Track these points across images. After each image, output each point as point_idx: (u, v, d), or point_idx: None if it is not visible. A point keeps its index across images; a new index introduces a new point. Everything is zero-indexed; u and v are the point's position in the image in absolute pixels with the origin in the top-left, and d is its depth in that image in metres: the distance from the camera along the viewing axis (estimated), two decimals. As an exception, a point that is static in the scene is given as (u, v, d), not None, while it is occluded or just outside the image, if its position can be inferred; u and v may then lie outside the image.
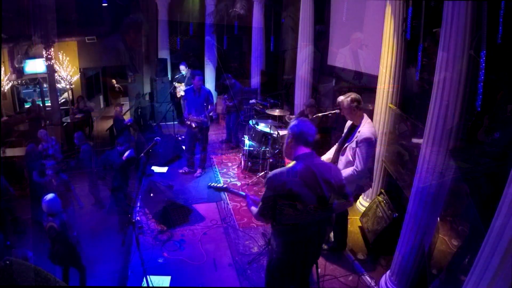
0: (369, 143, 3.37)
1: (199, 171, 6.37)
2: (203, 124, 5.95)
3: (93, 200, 5.83)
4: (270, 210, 2.28)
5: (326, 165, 2.42)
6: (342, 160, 3.61)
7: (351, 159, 3.50)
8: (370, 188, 4.26)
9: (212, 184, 2.89)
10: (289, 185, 2.20)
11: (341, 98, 3.58)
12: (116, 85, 12.13)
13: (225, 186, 2.86)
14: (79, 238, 3.98)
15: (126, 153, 4.88)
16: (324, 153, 4.06)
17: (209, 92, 5.98)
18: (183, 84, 8.68)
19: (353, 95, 3.53)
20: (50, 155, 5.95)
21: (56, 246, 3.70)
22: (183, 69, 8.93)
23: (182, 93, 8.05)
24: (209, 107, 5.95)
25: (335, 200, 2.36)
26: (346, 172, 3.46)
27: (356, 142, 3.44)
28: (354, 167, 3.42)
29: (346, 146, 3.56)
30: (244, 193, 2.73)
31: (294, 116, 6.23)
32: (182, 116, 7.63)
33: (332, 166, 2.49)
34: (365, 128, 3.44)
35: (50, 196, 3.68)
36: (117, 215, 5.08)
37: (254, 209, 2.44)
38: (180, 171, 6.49)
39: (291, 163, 2.33)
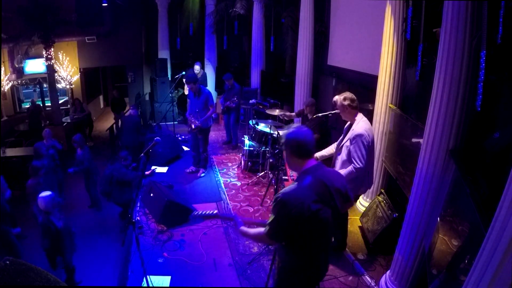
0: (362, 139, 3.38)
1: (201, 170, 6.39)
2: (201, 125, 5.96)
3: (89, 201, 5.84)
4: (284, 232, 2.09)
5: (332, 173, 2.26)
6: (338, 159, 3.64)
7: (346, 157, 3.52)
8: (369, 189, 4.25)
9: (197, 213, 2.53)
10: (306, 205, 1.99)
11: (336, 97, 3.61)
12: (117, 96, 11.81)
13: (215, 212, 2.54)
14: (75, 241, 3.98)
15: (148, 172, 4.90)
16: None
17: (208, 94, 5.96)
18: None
19: (346, 94, 3.55)
20: (50, 154, 5.94)
21: (44, 241, 3.71)
22: (197, 69, 8.93)
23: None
24: (209, 108, 5.94)
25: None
26: (345, 170, 3.48)
27: (350, 140, 3.46)
28: (352, 164, 3.43)
29: (342, 145, 3.58)
30: (232, 216, 2.54)
31: (293, 113, 6.22)
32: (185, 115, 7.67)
33: (337, 173, 2.37)
34: (359, 126, 3.46)
35: (44, 193, 3.69)
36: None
37: (252, 231, 2.29)
38: (187, 170, 6.52)
39: (297, 178, 2.16)
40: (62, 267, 3.86)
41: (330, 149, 3.87)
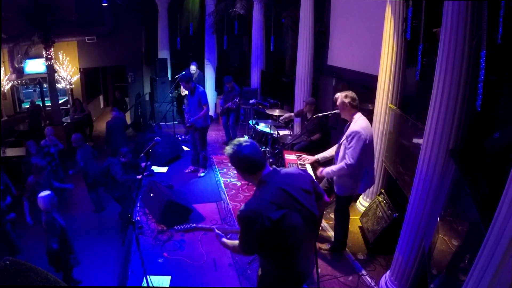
0: (358, 137, 3.40)
1: (201, 170, 6.39)
2: (196, 124, 5.97)
3: (90, 201, 5.83)
4: (254, 246, 2.07)
5: (290, 174, 2.15)
6: (337, 158, 3.67)
7: (343, 155, 3.56)
8: (369, 188, 4.25)
9: (177, 228, 2.71)
10: (264, 216, 1.92)
11: (337, 94, 3.65)
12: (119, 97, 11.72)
13: (193, 225, 2.70)
14: (71, 243, 3.97)
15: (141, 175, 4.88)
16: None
17: (201, 92, 5.94)
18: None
19: (348, 92, 3.58)
20: (51, 153, 5.94)
21: (52, 241, 3.70)
22: (193, 69, 8.92)
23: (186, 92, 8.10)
24: (203, 107, 5.93)
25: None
26: (337, 166, 3.54)
27: (346, 137, 3.49)
28: (344, 160, 3.47)
29: (341, 143, 3.61)
30: (212, 227, 2.53)
31: (292, 114, 6.22)
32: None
33: (296, 172, 2.20)
34: (356, 124, 3.49)
35: (43, 193, 3.68)
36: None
37: (230, 243, 2.27)
38: (186, 170, 6.51)
39: (254, 192, 2.10)
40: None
41: (331, 151, 3.89)
